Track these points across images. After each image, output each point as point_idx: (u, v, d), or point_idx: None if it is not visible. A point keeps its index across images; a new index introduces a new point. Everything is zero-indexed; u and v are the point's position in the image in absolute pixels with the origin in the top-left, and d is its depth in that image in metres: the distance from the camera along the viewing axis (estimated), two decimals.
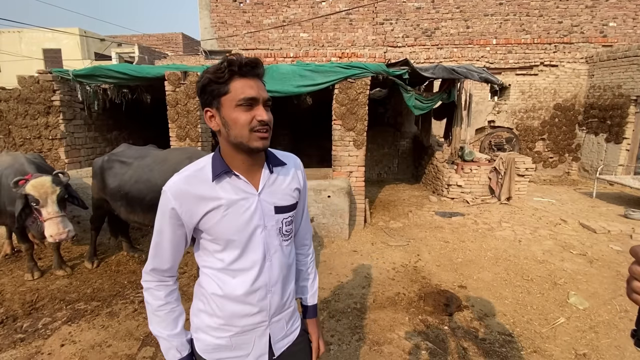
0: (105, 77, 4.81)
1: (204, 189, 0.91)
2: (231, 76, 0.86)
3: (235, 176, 0.94)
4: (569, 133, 8.76)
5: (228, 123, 0.89)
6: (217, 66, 0.87)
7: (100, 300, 2.94)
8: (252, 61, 0.88)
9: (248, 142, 0.89)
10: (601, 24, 8.41)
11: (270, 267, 0.99)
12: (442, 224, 5.06)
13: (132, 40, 19.75)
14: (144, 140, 7.22)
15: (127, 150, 3.40)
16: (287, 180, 1.03)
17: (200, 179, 0.92)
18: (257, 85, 0.89)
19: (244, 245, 0.95)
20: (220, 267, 0.96)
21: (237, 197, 0.93)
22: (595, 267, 3.62)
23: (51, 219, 2.75)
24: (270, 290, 1.00)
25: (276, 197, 1.00)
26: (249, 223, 0.95)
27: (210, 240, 0.95)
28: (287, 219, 1.02)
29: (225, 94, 0.87)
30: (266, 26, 9.11)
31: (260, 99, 0.89)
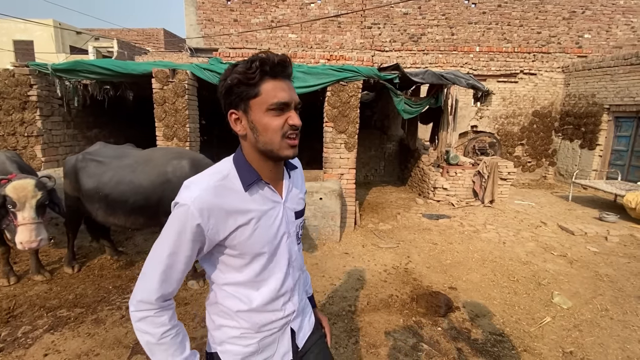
0: (86, 72, 4.60)
1: (235, 201, 0.83)
2: (262, 77, 0.80)
3: (264, 184, 0.89)
4: (546, 139, 9.15)
5: (257, 128, 0.82)
6: (246, 65, 0.80)
7: (84, 306, 2.80)
8: (284, 61, 0.81)
9: (278, 151, 0.84)
10: (577, 36, 8.85)
11: (293, 272, 0.99)
12: (430, 226, 5.16)
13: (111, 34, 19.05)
14: (126, 139, 6.95)
15: (104, 149, 3.22)
16: (299, 184, 1.03)
17: (229, 189, 0.84)
18: (288, 88, 0.83)
19: (271, 255, 0.92)
20: (243, 281, 0.90)
21: (266, 208, 0.89)
22: (575, 267, 3.79)
23: (25, 224, 2.58)
24: (293, 292, 1.00)
25: (294, 202, 0.99)
26: (277, 233, 0.92)
27: (235, 256, 0.88)
28: (301, 223, 1.02)
29: (255, 97, 0.81)
30: (254, 25, 9.02)
31: (292, 103, 0.83)
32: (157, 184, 2.89)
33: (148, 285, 0.82)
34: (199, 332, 2.51)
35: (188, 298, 2.99)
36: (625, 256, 4.13)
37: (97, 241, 3.84)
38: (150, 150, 3.21)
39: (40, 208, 2.72)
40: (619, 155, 7.62)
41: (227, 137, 9.05)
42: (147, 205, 2.92)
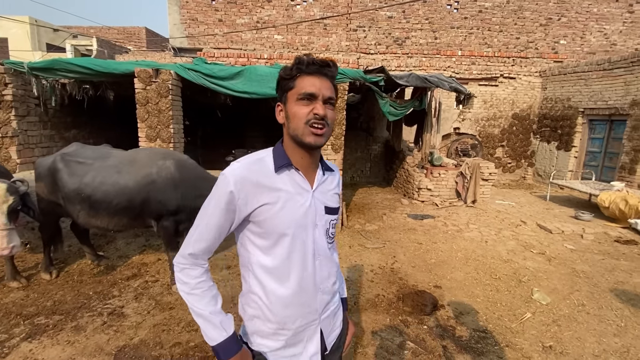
0: (65, 71, 4.45)
1: (265, 178, 0.93)
2: (298, 72, 0.91)
3: (295, 170, 0.97)
4: (525, 140, 9.47)
5: (289, 116, 0.93)
6: (290, 64, 0.94)
7: (63, 313, 2.71)
8: (320, 61, 0.92)
9: (302, 136, 0.92)
10: (553, 42, 9.21)
11: (320, 266, 1.02)
12: (415, 226, 5.25)
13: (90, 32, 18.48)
14: (106, 139, 6.74)
15: (82, 149, 3.13)
16: (333, 184, 1.09)
17: (262, 168, 0.94)
18: (320, 84, 0.92)
19: (295, 239, 0.96)
20: (269, 267, 0.96)
21: (294, 191, 0.96)
22: (553, 264, 3.93)
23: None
24: (319, 288, 1.02)
25: (326, 198, 1.04)
26: (304, 219, 0.97)
27: (260, 235, 0.95)
28: (333, 221, 1.06)
29: (290, 89, 0.93)
30: (239, 26, 8.95)
31: (319, 95, 0.91)
32: (142, 184, 2.86)
33: (186, 242, 0.96)
34: (184, 337, 2.46)
35: (173, 302, 2.93)
36: (599, 253, 4.32)
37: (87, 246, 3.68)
38: (134, 151, 3.15)
39: (13, 214, 2.61)
40: (593, 157, 7.96)
41: (211, 139, 8.93)
42: (131, 206, 2.88)
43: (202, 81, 4.45)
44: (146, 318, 2.68)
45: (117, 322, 2.61)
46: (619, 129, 7.27)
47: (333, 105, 0.95)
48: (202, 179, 3.11)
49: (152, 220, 2.99)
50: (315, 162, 1.02)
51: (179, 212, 2.98)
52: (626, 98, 6.92)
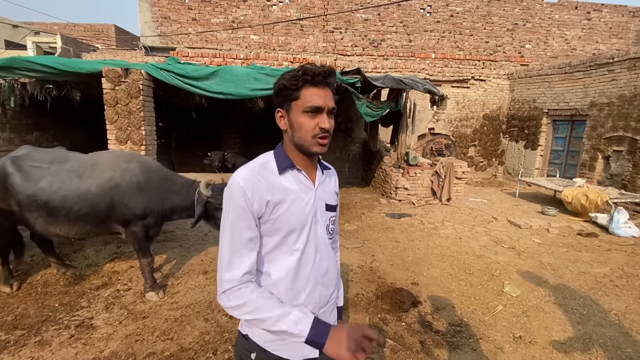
0: (25, 70, 4.20)
1: (272, 180, 0.98)
2: (303, 84, 0.94)
3: (297, 170, 1.02)
4: (495, 140, 9.88)
5: (294, 125, 0.97)
6: (293, 73, 0.95)
7: (26, 328, 2.54)
8: (325, 71, 0.94)
9: (309, 146, 0.97)
10: (519, 46, 9.68)
11: (320, 261, 1.06)
12: (393, 225, 5.34)
13: (54, 29, 17.52)
14: (72, 141, 6.45)
15: (35, 152, 2.92)
16: (332, 183, 1.16)
17: (267, 171, 0.99)
18: (324, 95, 0.96)
19: (302, 235, 1.01)
20: (275, 262, 1.00)
21: (299, 189, 1.01)
22: (522, 258, 4.13)
23: None
24: (319, 282, 1.05)
25: (326, 196, 1.10)
26: (308, 215, 1.02)
27: (269, 232, 0.98)
28: (332, 218, 1.12)
29: (295, 100, 0.95)
30: (214, 25, 8.78)
31: (325, 107, 0.95)
32: (106, 189, 2.74)
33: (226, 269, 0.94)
34: (159, 346, 2.38)
35: (147, 311, 2.82)
36: (564, 246, 4.57)
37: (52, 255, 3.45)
38: (95, 154, 2.99)
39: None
40: (557, 155, 8.43)
41: (186, 140, 8.70)
42: (94, 212, 2.74)
43: (175, 81, 4.33)
44: (118, 329, 2.57)
45: (86, 334, 2.48)
46: (579, 128, 7.74)
47: (334, 114, 1.01)
48: (168, 180, 3.03)
49: (119, 226, 2.86)
50: (314, 163, 1.07)
51: (147, 216, 2.88)
52: (585, 99, 7.38)
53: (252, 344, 1.02)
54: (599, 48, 9.87)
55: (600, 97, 7.03)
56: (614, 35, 9.86)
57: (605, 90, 6.92)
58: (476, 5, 9.33)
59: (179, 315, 2.77)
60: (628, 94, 6.44)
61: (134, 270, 3.52)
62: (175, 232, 4.71)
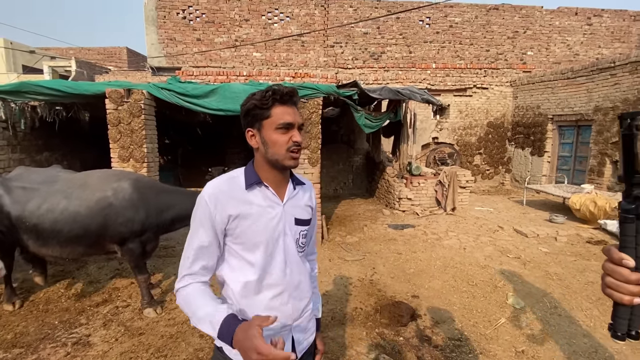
0: (34, 93, 4.37)
1: (236, 193, 1.02)
2: (273, 103, 1.00)
3: (265, 187, 1.06)
4: (501, 147, 9.77)
5: (267, 142, 1.01)
6: (262, 94, 1.00)
7: (24, 346, 2.57)
8: (291, 91, 1.02)
9: (283, 161, 1.02)
10: (521, 53, 9.66)
11: (291, 273, 1.08)
12: (395, 236, 5.28)
13: (69, 53, 18.29)
14: (81, 161, 6.64)
15: (27, 173, 2.97)
16: (305, 197, 1.16)
17: (234, 185, 1.04)
18: (293, 112, 1.03)
19: (268, 246, 1.04)
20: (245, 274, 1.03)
21: (265, 205, 1.05)
22: (528, 268, 4.01)
23: None
24: (291, 295, 1.08)
25: (296, 210, 1.11)
26: (275, 229, 1.05)
27: (237, 244, 1.03)
28: (303, 232, 1.14)
29: (266, 118, 1.01)
30: (218, 44, 9.04)
31: (295, 124, 1.02)
32: (96, 209, 2.73)
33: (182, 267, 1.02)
34: None
35: (143, 327, 2.83)
36: (572, 254, 4.43)
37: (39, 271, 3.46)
38: (84, 174, 3.01)
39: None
40: (565, 161, 8.26)
41: (191, 156, 8.86)
42: (86, 234, 2.73)
43: (176, 100, 4.44)
44: (113, 346, 2.58)
45: (82, 352, 2.50)
46: (585, 133, 7.60)
47: (302, 130, 1.08)
48: (162, 192, 3.06)
49: (114, 245, 2.88)
50: (285, 178, 1.10)
51: (145, 232, 2.90)
52: (589, 104, 7.27)
53: (225, 357, 1.03)
54: (602, 52, 9.77)
55: (605, 101, 6.92)
56: (616, 40, 9.77)
57: (609, 95, 6.82)
58: (475, 15, 9.41)
59: (175, 331, 2.76)
60: (632, 98, 6.32)
61: (134, 286, 3.55)
62: (175, 247, 4.75)
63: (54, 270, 3.98)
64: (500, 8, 9.45)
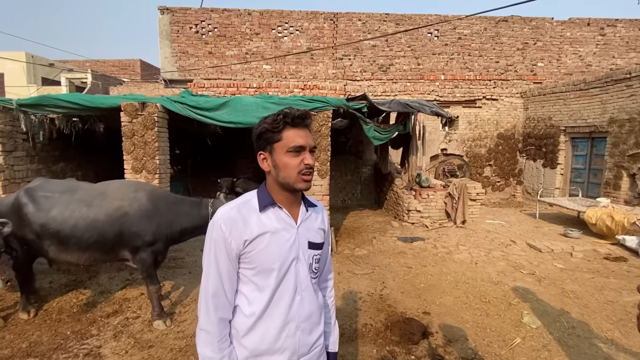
0: (53, 106, 4.53)
1: (251, 217, 1.01)
2: (284, 126, 0.99)
3: (279, 208, 1.04)
4: (511, 159, 9.64)
5: (279, 165, 1.00)
6: (273, 117, 1.00)
7: (38, 355, 2.59)
8: (303, 114, 1.01)
9: (294, 184, 1.00)
10: (531, 64, 9.61)
11: (301, 302, 1.04)
12: (405, 249, 5.21)
13: (85, 65, 18.91)
14: (95, 172, 6.78)
15: (47, 183, 3.10)
16: (318, 220, 1.14)
17: (248, 208, 1.02)
18: (305, 135, 1.01)
19: (281, 274, 1.01)
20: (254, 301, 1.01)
21: (280, 227, 1.02)
22: (543, 285, 3.90)
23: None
24: (299, 327, 1.03)
25: (310, 233, 1.09)
26: (289, 253, 1.02)
27: (250, 269, 1.01)
28: (316, 256, 1.10)
29: (278, 141, 0.99)
30: (229, 57, 9.24)
31: (307, 146, 1.00)
32: (114, 217, 2.85)
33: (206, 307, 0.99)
34: None
35: (153, 340, 2.83)
36: (589, 271, 4.30)
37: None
38: (103, 184, 3.14)
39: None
40: (579, 173, 8.10)
41: (202, 166, 8.96)
42: (103, 240, 2.86)
43: (189, 113, 4.53)
44: (124, 358, 2.58)
45: None
46: (600, 145, 7.46)
47: (314, 152, 1.05)
48: (172, 204, 3.13)
49: (127, 253, 2.96)
50: (298, 200, 1.08)
51: (156, 242, 2.96)
52: (604, 116, 7.15)
53: None
54: (617, 63, 9.65)
55: (620, 113, 6.80)
56: (631, 49, 9.65)
57: (625, 106, 6.70)
58: (484, 27, 9.43)
59: (184, 344, 2.75)
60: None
61: (144, 297, 3.56)
62: (185, 258, 4.77)
63: (67, 279, 4.04)
64: (509, 20, 9.46)
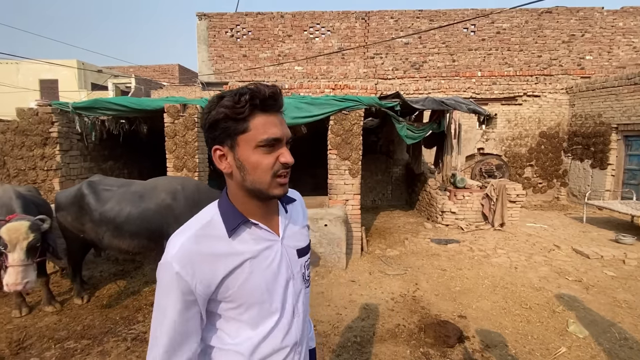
0: (104, 109, 4.90)
1: (219, 247, 0.75)
2: (252, 112, 0.72)
3: (254, 225, 0.79)
4: (555, 159, 9.05)
5: (245, 166, 0.74)
6: (235, 99, 0.71)
7: (91, 338, 2.83)
8: (274, 93, 0.73)
9: (268, 190, 0.75)
10: (578, 57, 8.97)
11: (298, 322, 0.86)
12: (439, 252, 5.07)
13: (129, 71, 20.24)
14: (139, 169, 7.24)
15: (105, 179, 3.47)
16: (300, 219, 0.93)
17: (212, 236, 0.75)
18: (280, 122, 0.75)
19: (274, 303, 0.80)
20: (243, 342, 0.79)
21: (259, 248, 0.79)
22: (591, 293, 3.64)
23: (13, 266, 2.60)
24: (295, 350, 0.85)
25: (295, 239, 0.88)
26: (278, 276, 0.81)
27: (232, 309, 0.77)
28: (306, 262, 0.91)
29: (243, 132, 0.73)
30: (262, 60, 9.48)
31: (284, 138, 0.75)
32: (162, 207, 3.15)
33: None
34: None
35: None
36: None
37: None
38: (155, 179, 3.46)
39: (32, 250, 2.70)
40: (632, 175, 7.44)
41: None
42: (151, 228, 3.15)
43: None
44: None
45: (140, 347, 2.69)
46: None
47: (290, 144, 0.79)
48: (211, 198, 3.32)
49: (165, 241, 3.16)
50: (273, 205, 0.85)
51: None
52: None
53: None
54: None
55: None
56: None
57: None
58: (525, 20, 8.94)
59: None
60: None
61: None
62: None
63: (115, 269, 4.36)
64: (554, 11, 8.90)
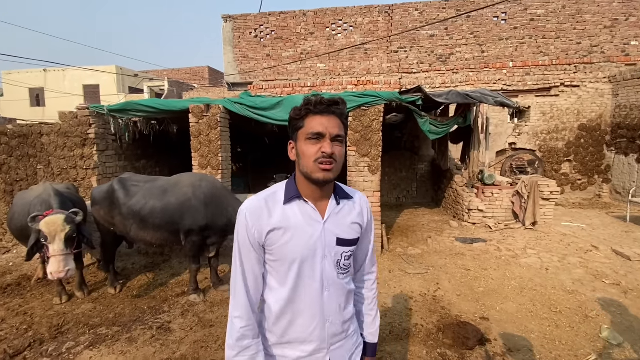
0: (135, 111, 5.19)
1: (276, 209, 1.00)
2: (306, 113, 0.96)
3: (304, 202, 1.01)
4: (597, 154, 8.41)
5: (299, 154, 0.98)
6: (299, 105, 0.99)
7: (121, 325, 3.03)
8: (327, 101, 0.96)
9: (312, 173, 0.96)
10: (622, 44, 8.25)
11: (329, 298, 1.03)
12: (463, 251, 4.90)
13: (163, 74, 21.23)
14: (169, 168, 7.60)
15: (134, 176, 3.75)
16: (352, 214, 1.08)
17: (273, 200, 1.02)
18: (327, 122, 0.96)
19: (304, 269, 1.00)
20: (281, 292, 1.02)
21: (303, 221, 1.00)
22: (630, 298, 3.37)
23: (55, 256, 2.85)
24: (327, 319, 1.03)
25: (340, 229, 1.04)
26: (312, 249, 1.00)
27: (274, 260, 1.01)
28: (347, 253, 1.06)
29: (300, 128, 0.98)
30: (285, 59, 9.58)
31: (327, 134, 0.95)
32: (182, 201, 3.35)
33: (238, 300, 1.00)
34: (219, 355, 2.59)
35: (214, 320, 3.11)
36: None
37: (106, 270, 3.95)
38: (178, 175, 3.67)
39: (69, 240, 2.95)
40: None
41: (261, 163, 9.46)
42: (172, 221, 3.35)
43: (247, 113, 4.84)
44: (189, 334, 2.88)
45: (164, 336, 2.85)
46: None
47: (341, 142, 0.99)
48: (227, 197, 3.55)
49: (183, 235, 3.39)
50: (327, 194, 1.04)
51: (208, 229, 3.38)
52: None
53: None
54: None
55: None
56: None
57: None
58: (562, 5, 8.35)
59: None
60: None
61: (207, 282, 3.92)
62: None
63: (146, 262, 4.63)
64: None
